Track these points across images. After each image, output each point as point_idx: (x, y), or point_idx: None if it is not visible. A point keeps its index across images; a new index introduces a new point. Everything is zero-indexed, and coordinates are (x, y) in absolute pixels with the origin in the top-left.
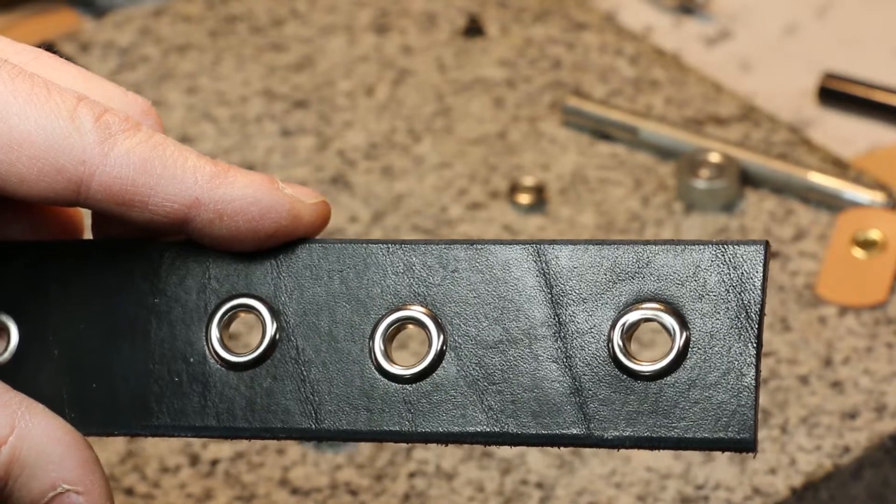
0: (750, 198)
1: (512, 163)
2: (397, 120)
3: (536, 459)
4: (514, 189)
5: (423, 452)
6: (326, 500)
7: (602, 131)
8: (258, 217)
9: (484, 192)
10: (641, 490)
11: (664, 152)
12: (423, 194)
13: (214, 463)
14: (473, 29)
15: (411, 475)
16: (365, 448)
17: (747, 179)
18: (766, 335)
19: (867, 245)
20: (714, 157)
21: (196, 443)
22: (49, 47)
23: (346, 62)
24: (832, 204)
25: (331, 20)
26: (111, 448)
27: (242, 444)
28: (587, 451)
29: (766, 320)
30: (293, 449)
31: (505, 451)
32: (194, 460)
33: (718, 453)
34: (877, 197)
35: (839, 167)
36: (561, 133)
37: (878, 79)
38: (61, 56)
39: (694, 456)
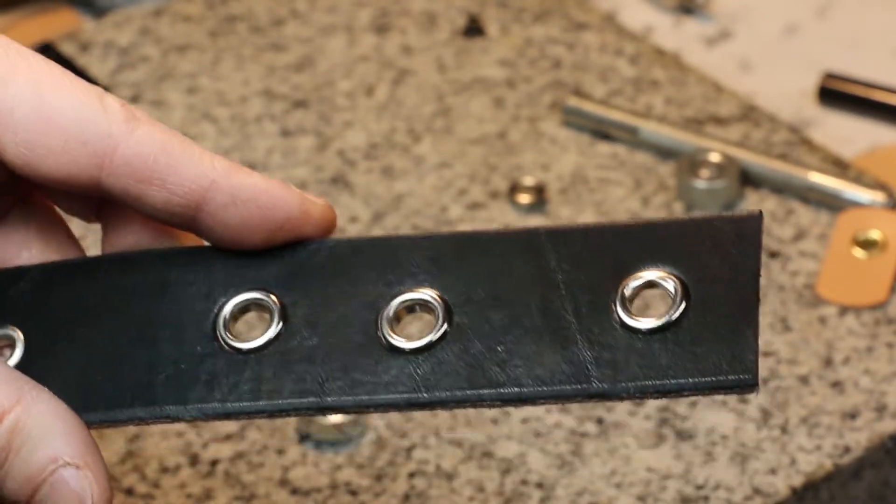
0: (750, 198)
1: (512, 163)
2: (397, 120)
3: (537, 459)
4: (515, 189)
5: (423, 452)
6: (326, 500)
7: (602, 131)
8: (270, 206)
9: (484, 192)
10: (641, 490)
11: (664, 152)
12: (423, 194)
13: (214, 463)
14: (473, 29)
15: (411, 475)
16: (365, 448)
17: (747, 179)
18: (766, 335)
19: (867, 245)
20: (714, 157)
21: (196, 443)
22: (48, 47)
23: (346, 62)
24: (832, 204)
25: (331, 20)
26: (111, 448)
27: (242, 444)
28: (587, 451)
29: (766, 320)
30: (293, 449)
31: (505, 452)
32: (194, 460)
33: (719, 452)
34: (877, 197)
35: (839, 167)
36: (561, 133)
37: (879, 78)
38: (61, 56)
39: (694, 456)
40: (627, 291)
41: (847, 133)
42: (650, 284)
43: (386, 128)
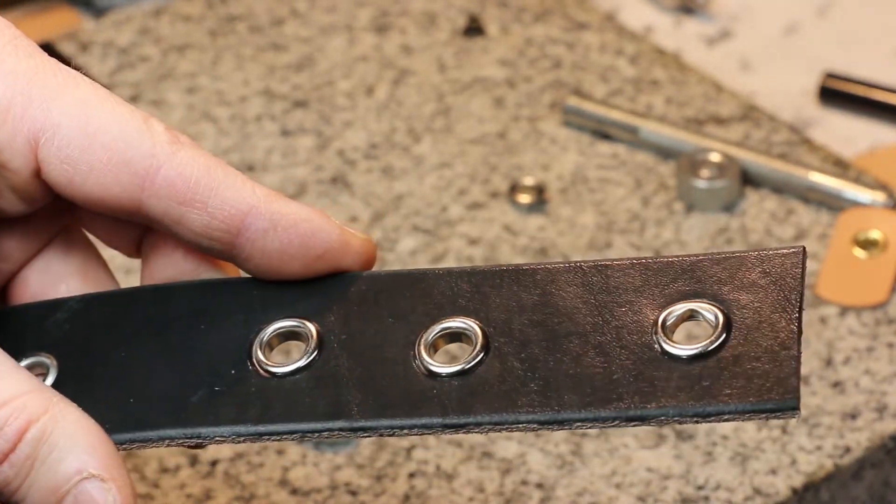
0: (750, 197)
1: (512, 163)
2: (397, 120)
3: (537, 460)
4: (515, 189)
5: (423, 453)
6: (326, 500)
7: (602, 131)
8: (310, 234)
9: (484, 192)
10: (642, 490)
11: (665, 152)
12: (423, 194)
13: (214, 463)
14: (473, 28)
15: (411, 475)
16: (365, 448)
17: (748, 179)
18: None
19: (868, 245)
20: (714, 157)
21: None
22: (48, 47)
23: (346, 62)
24: (833, 204)
25: (331, 20)
26: None
27: (242, 445)
28: (587, 451)
29: None
30: (293, 449)
31: (505, 452)
32: (194, 460)
33: (720, 453)
34: (877, 197)
35: (840, 167)
36: (561, 133)
37: (879, 78)
38: (61, 56)
39: (695, 456)
40: (668, 320)
41: (847, 133)
42: (691, 314)
43: (386, 128)
